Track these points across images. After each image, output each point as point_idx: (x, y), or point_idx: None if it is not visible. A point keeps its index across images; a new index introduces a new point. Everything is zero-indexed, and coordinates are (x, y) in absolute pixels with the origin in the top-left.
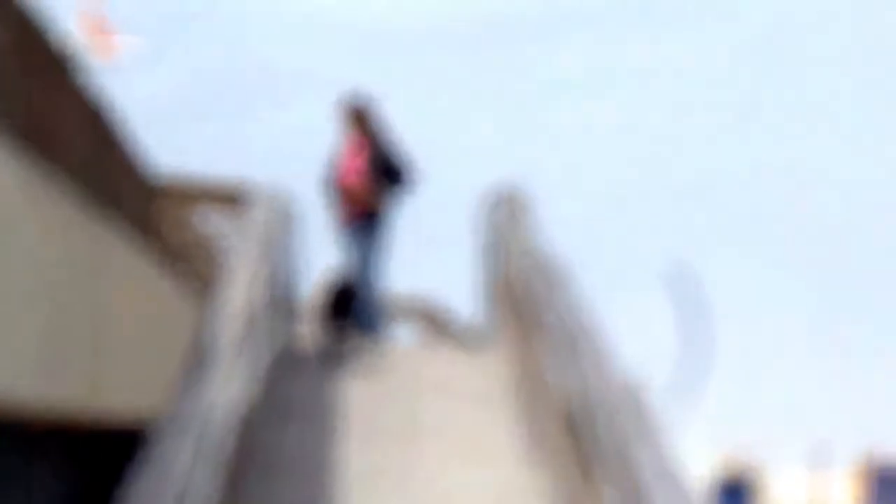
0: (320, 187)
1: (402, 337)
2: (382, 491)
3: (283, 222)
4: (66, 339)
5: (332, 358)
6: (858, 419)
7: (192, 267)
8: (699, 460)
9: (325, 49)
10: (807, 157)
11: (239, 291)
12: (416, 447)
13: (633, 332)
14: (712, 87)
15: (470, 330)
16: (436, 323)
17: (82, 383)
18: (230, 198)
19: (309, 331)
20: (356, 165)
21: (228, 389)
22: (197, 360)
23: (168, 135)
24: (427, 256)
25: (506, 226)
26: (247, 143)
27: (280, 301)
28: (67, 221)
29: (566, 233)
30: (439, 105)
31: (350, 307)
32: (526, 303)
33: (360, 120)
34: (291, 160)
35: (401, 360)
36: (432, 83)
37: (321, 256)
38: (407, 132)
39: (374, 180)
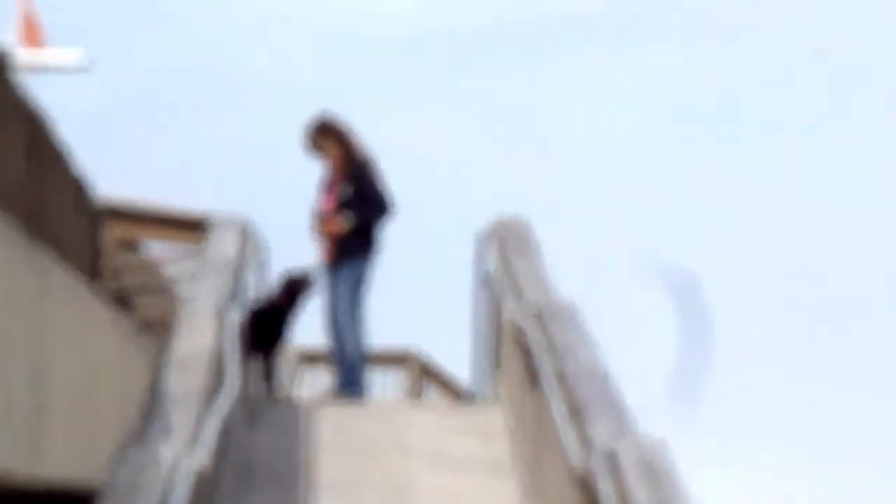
0: (309, 221)
1: (388, 389)
2: None
3: (248, 252)
4: (0, 391)
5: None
6: None
7: (146, 305)
8: None
9: (283, 54)
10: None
11: (201, 333)
12: None
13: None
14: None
15: (465, 381)
16: (427, 373)
17: (20, 441)
18: (187, 225)
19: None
20: (330, 198)
21: (187, 448)
22: (151, 414)
23: (110, 149)
24: (419, 299)
25: (503, 263)
26: (198, 157)
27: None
28: (1, 256)
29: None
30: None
31: (274, 334)
32: (529, 351)
33: (331, 143)
34: (247, 175)
35: (385, 416)
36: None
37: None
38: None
39: (349, 213)
